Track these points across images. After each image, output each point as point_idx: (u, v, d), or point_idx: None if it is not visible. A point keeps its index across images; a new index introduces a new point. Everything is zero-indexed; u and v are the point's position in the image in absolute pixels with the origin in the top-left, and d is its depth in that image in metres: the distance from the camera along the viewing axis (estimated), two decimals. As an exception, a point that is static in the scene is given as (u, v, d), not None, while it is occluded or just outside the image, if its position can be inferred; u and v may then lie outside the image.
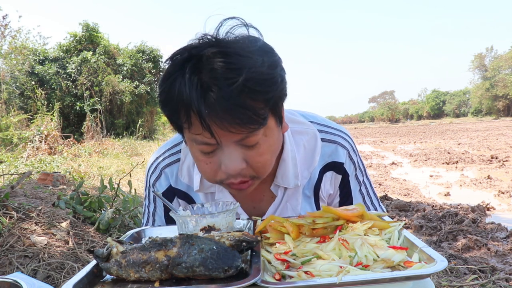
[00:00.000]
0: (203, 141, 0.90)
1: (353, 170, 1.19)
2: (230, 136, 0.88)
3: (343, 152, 1.16)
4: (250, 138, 0.90)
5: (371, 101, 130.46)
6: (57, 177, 4.72)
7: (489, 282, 2.46)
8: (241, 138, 0.89)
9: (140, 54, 20.49)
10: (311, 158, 1.14)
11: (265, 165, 0.97)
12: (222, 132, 0.87)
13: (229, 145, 0.91)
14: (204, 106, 0.82)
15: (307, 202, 1.17)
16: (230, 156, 0.92)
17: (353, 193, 1.21)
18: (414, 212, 4.48)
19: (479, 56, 65.71)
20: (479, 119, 63.00)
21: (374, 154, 12.73)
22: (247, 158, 0.94)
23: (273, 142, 0.98)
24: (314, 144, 1.14)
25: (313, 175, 1.15)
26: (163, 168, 1.19)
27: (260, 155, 0.94)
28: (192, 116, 0.86)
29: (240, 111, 0.83)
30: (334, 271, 0.71)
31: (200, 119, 0.84)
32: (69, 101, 17.99)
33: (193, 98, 0.83)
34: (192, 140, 0.93)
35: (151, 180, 1.22)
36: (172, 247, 0.75)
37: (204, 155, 0.95)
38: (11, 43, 16.41)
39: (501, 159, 8.98)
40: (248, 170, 0.96)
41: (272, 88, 0.88)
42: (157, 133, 22.44)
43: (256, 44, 0.90)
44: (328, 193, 1.19)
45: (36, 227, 2.44)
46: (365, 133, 35.76)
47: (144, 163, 8.90)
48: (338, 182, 1.18)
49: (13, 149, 9.46)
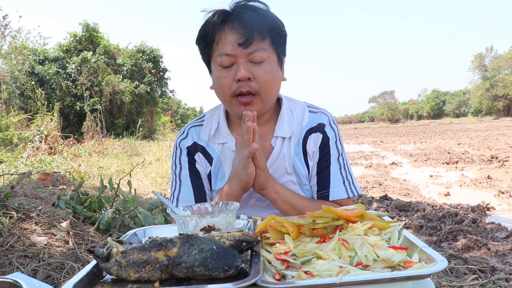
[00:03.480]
0: (224, 52, 1.25)
1: (333, 136, 1.43)
2: (242, 52, 1.23)
3: (325, 117, 1.45)
4: (258, 53, 1.24)
5: (371, 101, 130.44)
6: (57, 177, 4.72)
7: (489, 282, 2.46)
8: (249, 52, 1.23)
9: (140, 54, 20.49)
10: (300, 122, 1.44)
11: (267, 82, 1.27)
12: (236, 46, 1.23)
13: (242, 58, 1.24)
14: (224, 22, 1.25)
15: (298, 157, 1.41)
16: (242, 66, 1.24)
17: (332, 158, 1.42)
18: (414, 212, 4.47)
19: (479, 56, 65.66)
20: (479, 119, 62.96)
21: (374, 154, 12.73)
22: (254, 73, 1.25)
23: (275, 71, 1.30)
24: (303, 113, 1.46)
25: (301, 134, 1.43)
26: (189, 128, 1.51)
27: (265, 72, 1.26)
28: (217, 35, 1.26)
29: (248, 23, 1.22)
30: (334, 271, 0.71)
31: (221, 27, 1.24)
32: (69, 101, 17.99)
33: (219, 16, 1.26)
34: (217, 56, 1.27)
35: (178, 140, 1.50)
36: (172, 247, 0.75)
37: (223, 70, 1.28)
38: (11, 43, 16.42)
39: (501, 159, 8.97)
40: (254, 84, 1.26)
41: (275, 23, 1.28)
42: (157, 133, 22.44)
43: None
44: (312, 150, 1.42)
45: (36, 227, 2.44)
46: (365, 133, 35.75)
47: (144, 163, 8.90)
48: (320, 141, 1.42)
49: (13, 149, 9.46)
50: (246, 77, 1.24)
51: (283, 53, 1.36)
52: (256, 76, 1.26)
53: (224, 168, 1.42)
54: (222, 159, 1.43)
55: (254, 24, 1.23)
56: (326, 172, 1.41)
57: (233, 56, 1.25)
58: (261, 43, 1.25)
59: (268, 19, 1.27)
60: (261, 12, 1.27)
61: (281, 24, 1.31)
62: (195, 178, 1.46)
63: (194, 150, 1.46)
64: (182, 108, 49.15)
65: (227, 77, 1.27)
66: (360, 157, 11.79)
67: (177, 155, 1.49)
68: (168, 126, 27.90)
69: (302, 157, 1.41)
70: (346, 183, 1.42)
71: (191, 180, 1.45)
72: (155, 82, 21.59)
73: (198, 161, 1.46)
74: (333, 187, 1.40)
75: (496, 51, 67.68)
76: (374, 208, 4.85)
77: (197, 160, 1.46)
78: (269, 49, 1.27)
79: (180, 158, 1.48)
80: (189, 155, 1.46)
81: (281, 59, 1.35)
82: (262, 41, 1.25)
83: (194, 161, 1.46)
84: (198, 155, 1.46)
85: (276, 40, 1.29)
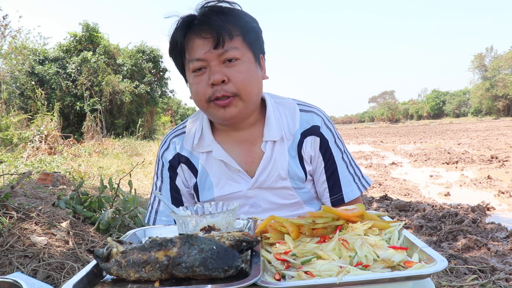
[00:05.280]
0: (194, 58, 1.20)
1: (331, 137, 1.37)
2: (212, 54, 1.18)
3: (318, 118, 1.37)
4: (230, 52, 1.18)
5: (371, 101, 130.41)
6: (57, 177, 4.72)
7: (489, 282, 2.46)
8: (220, 53, 1.18)
9: (140, 54, 20.48)
10: (292, 122, 1.36)
11: (243, 82, 1.20)
12: (205, 49, 1.18)
13: (213, 61, 1.19)
14: (190, 27, 1.21)
15: (293, 161, 1.34)
16: (214, 70, 1.19)
17: (337, 159, 1.37)
18: (414, 212, 4.47)
19: (479, 56, 65.62)
20: (479, 119, 62.93)
21: (374, 154, 12.72)
22: (228, 74, 1.19)
23: (252, 69, 1.23)
24: (294, 112, 1.37)
25: (295, 137, 1.35)
26: (171, 138, 1.43)
27: (239, 72, 1.20)
28: (186, 42, 1.22)
29: (214, 24, 1.17)
30: (334, 271, 0.71)
31: (188, 34, 1.21)
32: (69, 101, 17.98)
33: (184, 23, 1.21)
34: (189, 63, 1.23)
35: (160, 152, 1.44)
36: (172, 247, 0.75)
37: (197, 76, 1.22)
38: (11, 43, 16.41)
39: (501, 159, 8.97)
40: (230, 86, 1.19)
41: (244, 19, 1.23)
42: (157, 133, 22.43)
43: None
44: (310, 154, 1.36)
45: (36, 227, 2.44)
46: (365, 133, 35.73)
47: (144, 163, 8.90)
48: (318, 145, 1.36)
49: (13, 149, 9.46)
50: (220, 80, 1.18)
51: (260, 50, 1.29)
52: (230, 77, 1.19)
53: (211, 178, 1.36)
54: (208, 169, 1.36)
55: (220, 24, 1.17)
56: (335, 175, 1.36)
57: (204, 60, 1.19)
58: (231, 42, 1.19)
59: (235, 17, 1.21)
60: (228, 11, 1.21)
61: (251, 20, 1.25)
62: (174, 194, 1.41)
63: (177, 163, 1.40)
64: (182, 108, 49.14)
65: (201, 83, 1.22)
66: (360, 157, 11.79)
67: (159, 167, 1.44)
68: (168, 126, 27.86)
69: (298, 160, 1.35)
70: (356, 179, 1.39)
71: (171, 195, 1.41)
72: (155, 82, 21.56)
73: (181, 173, 1.40)
74: (345, 188, 1.36)
75: (496, 51, 67.68)
76: (374, 208, 4.85)
77: (179, 173, 1.40)
78: (242, 47, 1.21)
79: (162, 171, 1.43)
80: (171, 170, 1.40)
81: (259, 57, 1.28)
82: (231, 39, 1.19)
83: (175, 176, 1.41)
84: (181, 167, 1.40)
85: (248, 37, 1.23)
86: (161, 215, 1.41)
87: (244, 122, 1.32)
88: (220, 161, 1.33)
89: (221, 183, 1.35)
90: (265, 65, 1.34)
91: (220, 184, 1.35)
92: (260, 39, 1.29)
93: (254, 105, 1.29)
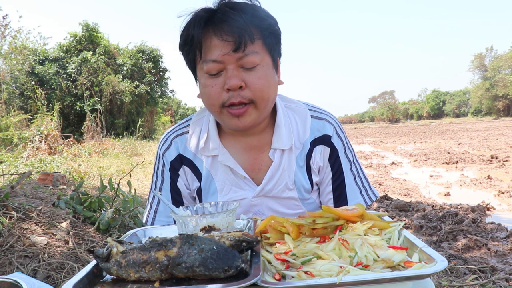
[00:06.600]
0: (211, 59, 1.10)
1: (342, 147, 1.32)
2: (231, 57, 1.09)
3: (330, 127, 1.31)
4: (250, 57, 1.10)
5: (371, 101, 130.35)
6: (57, 177, 4.72)
7: (489, 282, 2.46)
8: (240, 57, 1.09)
9: (140, 54, 20.48)
10: (302, 130, 1.29)
11: (262, 89, 1.12)
12: (224, 51, 1.08)
13: (231, 65, 1.10)
14: (209, 24, 1.10)
15: (300, 171, 1.29)
16: (232, 74, 1.10)
17: (345, 170, 1.32)
18: (414, 212, 4.47)
19: (479, 56, 65.61)
20: (479, 119, 62.93)
21: (374, 154, 12.72)
22: (246, 80, 1.11)
23: (270, 75, 1.15)
24: (305, 118, 1.30)
25: (305, 146, 1.29)
26: (173, 138, 1.35)
27: (258, 78, 1.12)
28: (202, 39, 1.10)
29: (235, 25, 1.07)
30: (334, 271, 0.71)
31: (205, 31, 1.09)
32: (69, 101, 17.98)
33: (202, 18, 1.10)
34: (203, 63, 1.13)
35: (161, 151, 1.36)
36: (172, 247, 0.75)
37: (211, 78, 1.13)
38: (11, 43, 16.39)
39: (501, 159, 8.97)
40: (247, 92, 1.12)
41: (267, 21, 1.12)
42: (157, 133, 22.42)
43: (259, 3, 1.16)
44: (318, 165, 1.30)
45: (36, 227, 2.44)
46: (365, 133, 35.72)
47: (144, 163, 8.89)
48: (327, 155, 1.30)
49: (13, 149, 9.45)
50: (237, 86, 1.10)
51: (278, 54, 1.21)
52: (248, 84, 1.11)
53: (215, 183, 1.30)
54: (213, 174, 1.29)
55: (242, 25, 1.07)
56: (342, 186, 1.32)
57: (221, 63, 1.10)
58: (252, 45, 1.09)
59: (258, 17, 1.11)
60: (250, 9, 1.11)
61: (273, 21, 1.16)
62: (175, 196, 1.36)
63: (179, 164, 1.33)
64: (182, 108, 49.14)
65: (215, 86, 1.12)
66: (360, 157, 11.79)
67: (159, 166, 1.37)
68: (168, 126, 27.87)
69: (305, 171, 1.29)
70: (363, 191, 1.34)
71: (171, 196, 1.36)
72: (155, 82, 21.56)
73: (183, 176, 1.34)
74: (351, 200, 1.32)
75: (496, 51, 67.67)
76: (374, 208, 4.85)
77: (181, 175, 1.34)
78: (262, 51, 1.12)
79: (162, 171, 1.36)
80: (172, 171, 1.33)
81: (276, 61, 1.21)
82: (253, 43, 1.09)
83: (176, 178, 1.34)
84: (183, 169, 1.33)
85: (269, 41, 1.14)
86: (160, 216, 1.37)
87: (255, 129, 1.26)
88: (226, 166, 1.28)
89: (226, 189, 1.30)
90: (280, 69, 1.26)
91: (224, 189, 1.30)
92: (280, 42, 1.21)
93: (268, 112, 1.22)
